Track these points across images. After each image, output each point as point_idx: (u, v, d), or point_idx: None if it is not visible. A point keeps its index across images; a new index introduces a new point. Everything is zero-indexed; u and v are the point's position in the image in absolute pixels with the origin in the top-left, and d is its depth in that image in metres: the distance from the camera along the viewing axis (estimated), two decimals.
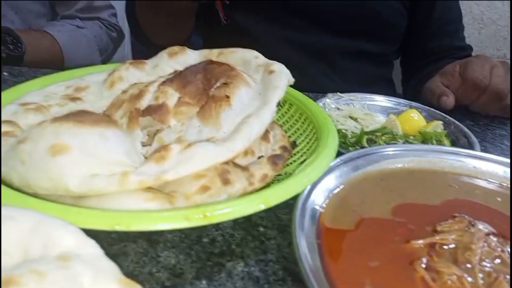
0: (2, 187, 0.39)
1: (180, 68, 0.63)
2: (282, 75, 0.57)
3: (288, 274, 0.42)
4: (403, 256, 0.39)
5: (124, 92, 0.59)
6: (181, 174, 0.41)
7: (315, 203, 0.44)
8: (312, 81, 0.94)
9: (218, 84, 0.55)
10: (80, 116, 0.45)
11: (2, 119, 0.50)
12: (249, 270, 0.42)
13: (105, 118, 0.49)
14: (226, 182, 0.46)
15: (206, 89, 0.56)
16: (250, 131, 0.47)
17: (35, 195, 0.39)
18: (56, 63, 1.12)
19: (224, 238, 0.46)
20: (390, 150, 0.53)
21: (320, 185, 0.46)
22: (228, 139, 0.46)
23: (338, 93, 0.75)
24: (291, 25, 1.01)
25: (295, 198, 0.50)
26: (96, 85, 0.64)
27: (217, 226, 0.48)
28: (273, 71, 0.58)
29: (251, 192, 0.46)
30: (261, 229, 0.48)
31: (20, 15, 1.12)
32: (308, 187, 0.45)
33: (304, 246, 0.37)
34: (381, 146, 0.54)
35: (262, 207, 0.40)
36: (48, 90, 0.61)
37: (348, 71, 1.05)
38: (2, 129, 0.48)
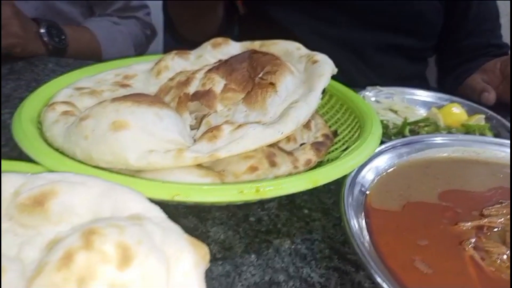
0: (69, 159, 0.42)
1: (223, 58, 0.65)
2: (326, 65, 0.58)
3: (334, 253, 0.43)
4: (451, 236, 0.39)
5: (171, 79, 0.61)
6: (233, 152, 0.43)
7: (361, 186, 0.45)
8: (345, 75, 0.95)
9: (263, 71, 0.57)
10: (138, 97, 0.47)
11: (61, 100, 0.53)
12: (296, 247, 0.44)
13: (160, 99, 0.51)
14: (272, 164, 0.48)
15: (252, 76, 0.57)
16: (298, 114, 0.48)
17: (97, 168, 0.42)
18: (94, 56, 1.16)
19: (270, 218, 0.48)
20: (434, 139, 0.53)
21: (366, 169, 0.47)
22: (277, 121, 0.47)
23: (378, 87, 0.76)
24: (326, 19, 1.01)
25: (337, 183, 0.51)
26: (143, 74, 0.67)
27: (262, 206, 0.49)
28: (317, 61, 0.59)
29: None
30: (306, 211, 0.49)
31: (60, 16, 1.17)
32: (354, 171, 0.46)
33: (354, 224, 0.38)
34: (425, 135, 0.55)
35: (311, 186, 0.41)
36: (98, 77, 0.64)
37: (382, 66, 1.05)
38: (63, 109, 0.50)
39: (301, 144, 0.56)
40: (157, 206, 0.33)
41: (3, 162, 0.41)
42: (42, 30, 0.96)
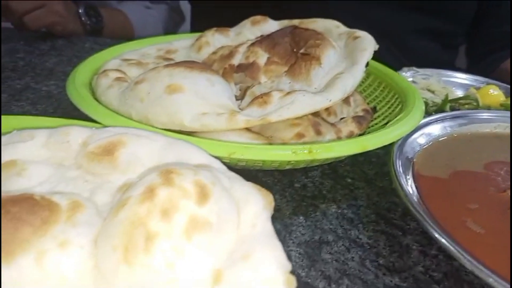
0: (127, 119, 0.43)
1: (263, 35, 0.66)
2: (368, 40, 0.58)
3: (380, 218, 0.44)
4: (500, 202, 0.40)
5: (214, 53, 0.63)
6: (283, 117, 0.44)
7: (407, 154, 0.45)
8: (377, 58, 0.94)
9: (306, 46, 0.58)
10: (189, 63, 0.49)
11: (112, 68, 0.55)
12: (342, 212, 0.45)
13: (210, 67, 0.52)
14: (318, 132, 0.49)
15: (295, 50, 0.58)
16: (345, 84, 0.49)
17: None
18: (127, 38, 1.18)
19: (315, 185, 0.49)
20: (478, 115, 0.54)
21: (411, 139, 0.48)
22: (324, 90, 0.48)
23: (414, 68, 0.76)
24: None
25: (378, 156, 0.52)
26: (184, 50, 0.68)
27: (306, 174, 0.50)
28: (359, 37, 0.59)
29: None
30: (349, 180, 0.50)
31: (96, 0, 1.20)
32: (400, 140, 0.46)
33: (406, 186, 0.39)
34: (469, 111, 0.55)
35: (360, 150, 0.42)
36: (142, 51, 0.66)
37: (415, 51, 1.04)
38: (115, 75, 0.52)
39: (341, 119, 0.57)
40: (217, 159, 0.34)
41: (62, 120, 0.43)
42: (80, 11, 0.99)
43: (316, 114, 0.51)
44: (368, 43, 0.57)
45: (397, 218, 0.44)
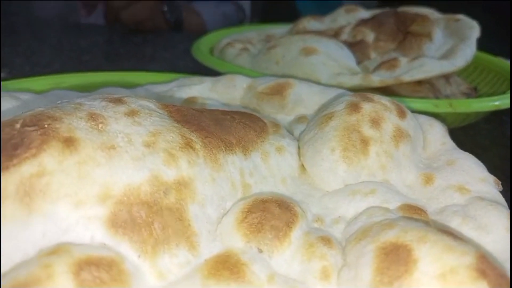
0: None
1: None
2: (471, 21, 0.60)
3: (507, 178, 0.45)
4: None
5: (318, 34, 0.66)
6: (415, 77, 0.46)
7: None
8: None
9: (414, 24, 0.60)
10: (317, 32, 0.52)
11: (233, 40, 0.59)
12: None
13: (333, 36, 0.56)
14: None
15: (401, 29, 0.61)
16: (465, 53, 0.51)
17: None
18: (201, 33, 1.25)
19: None
20: None
21: None
22: (445, 58, 0.50)
23: None
24: None
25: (485, 129, 0.53)
26: (282, 35, 0.72)
27: None
28: (460, 19, 0.62)
29: None
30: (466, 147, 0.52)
31: None
32: None
33: None
34: None
35: (495, 108, 0.44)
36: (244, 35, 0.70)
37: None
38: (240, 46, 0.56)
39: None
40: None
41: None
42: (165, 8, 1.06)
43: None
44: (472, 23, 0.59)
45: None
